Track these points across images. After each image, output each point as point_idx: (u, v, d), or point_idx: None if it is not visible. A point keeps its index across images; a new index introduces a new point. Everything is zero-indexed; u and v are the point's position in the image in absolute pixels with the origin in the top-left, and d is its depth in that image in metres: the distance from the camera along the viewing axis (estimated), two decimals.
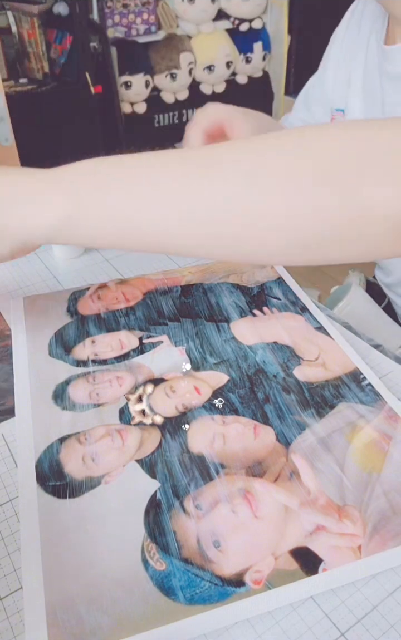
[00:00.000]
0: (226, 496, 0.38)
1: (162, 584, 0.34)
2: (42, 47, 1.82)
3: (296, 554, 0.35)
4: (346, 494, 0.38)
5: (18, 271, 0.68)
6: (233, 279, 0.61)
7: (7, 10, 1.84)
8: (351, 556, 0.35)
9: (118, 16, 1.95)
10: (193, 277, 0.62)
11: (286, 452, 0.42)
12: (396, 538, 0.36)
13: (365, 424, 0.44)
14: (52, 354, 0.52)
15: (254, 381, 0.48)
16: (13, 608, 0.34)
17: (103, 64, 1.93)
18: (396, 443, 0.42)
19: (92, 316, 0.57)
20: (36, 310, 0.58)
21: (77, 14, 1.75)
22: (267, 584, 0.34)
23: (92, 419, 0.45)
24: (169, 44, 2.04)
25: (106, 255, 0.70)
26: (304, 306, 0.57)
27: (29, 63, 1.88)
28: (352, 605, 0.33)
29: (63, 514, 0.38)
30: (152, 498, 0.39)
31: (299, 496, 0.38)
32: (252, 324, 0.55)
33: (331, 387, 0.47)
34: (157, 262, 0.68)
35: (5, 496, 0.40)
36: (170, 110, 2.17)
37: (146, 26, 2.00)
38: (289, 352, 0.51)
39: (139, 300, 0.59)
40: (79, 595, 0.33)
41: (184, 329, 0.54)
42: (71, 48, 1.81)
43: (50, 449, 0.43)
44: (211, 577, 0.34)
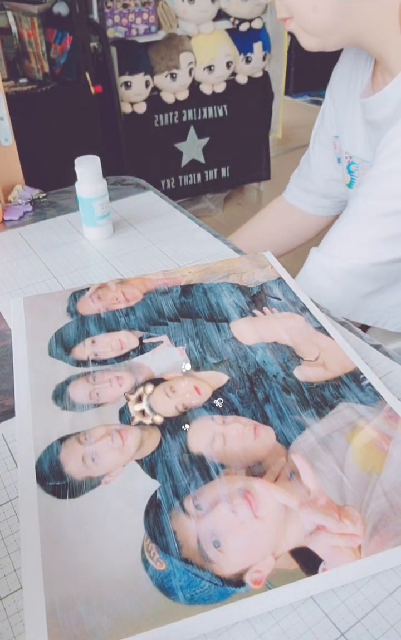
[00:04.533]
0: (226, 496, 0.38)
1: (162, 584, 0.34)
2: (42, 47, 1.82)
3: (296, 554, 0.35)
4: (346, 494, 0.38)
5: (18, 271, 0.68)
6: (233, 279, 0.61)
7: (7, 10, 1.84)
8: (351, 556, 0.35)
9: (118, 16, 1.95)
10: (193, 277, 0.62)
11: (286, 452, 0.42)
12: (396, 538, 0.36)
13: (365, 424, 0.44)
14: (52, 354, 0.52)
15: (254, 381, 0.48)
16: (13, 608, 0.34)
17: (103, 64, 1.93)
18: (396, 443, 0.42)
19: (92, 316, 0.57)
20: (36, 310, 0.58)
21: (77, 14, 1.75)
22: (267, 584, 0.34)
23: (92, 419, 0.45)
24: (169, 44, 2.03)
25: (106, 255, 0.70)
26: (304, 306, 0.57)
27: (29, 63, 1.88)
28: (352, 605, 0.33)
29: (63, 514, 0.38)
30: (152, 498, 0.39)
31: (299, 496, 0.38)
32: (252, 324, 0.55)
33: (331, 387, 0.47)
34: (157, 262, 0.68)
35: (5, 496, 0.41)
36: (170, 110, 2.16)
37: (146, 26, 2.00)
38: (289, 352, 0.51)
39: (139, 300, 0.59)
40: (79, 595, 0.33)
41: (184, 329, 0.54)
42: (71, 48, 1.81)
43: (50, 449, 0.43)
44: (211, 577, 0.34)
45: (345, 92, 0.78)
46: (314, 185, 0.91)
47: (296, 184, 0.95)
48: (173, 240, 0.73)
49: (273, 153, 2.53)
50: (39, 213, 0.82)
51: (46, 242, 0.74)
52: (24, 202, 0.83)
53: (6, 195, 0.84)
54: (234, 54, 2.16)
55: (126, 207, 0.82)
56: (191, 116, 2.23)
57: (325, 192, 0.91)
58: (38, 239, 0.74)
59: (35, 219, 0.80)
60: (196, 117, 2.24)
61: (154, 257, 0.69)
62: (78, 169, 0.69)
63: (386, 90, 0.66)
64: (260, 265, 0.64)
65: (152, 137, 2.18)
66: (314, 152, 0.89)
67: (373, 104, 0.69)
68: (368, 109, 0.71)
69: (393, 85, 0.65)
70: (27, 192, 0.85)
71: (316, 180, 0.91)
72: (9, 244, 0.74)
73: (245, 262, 0.65)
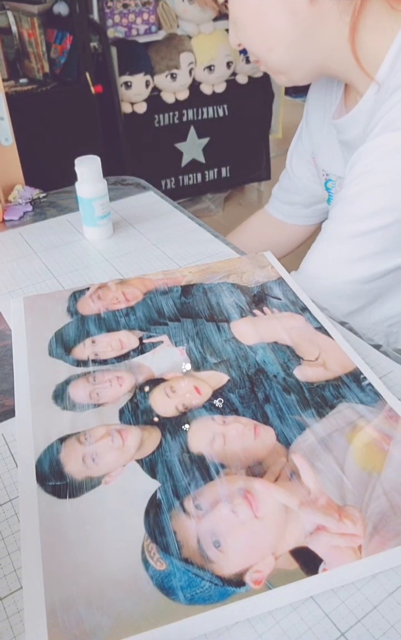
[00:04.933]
0: (226, 496, 0.38)
1: (163, 584, 0.34)
2: (42, 47, 1.82)
3: (296, 554, 0.35)
4: (347, 494, 0.38)
5: (18, 271, 0.68)
6: (233, 279, 0.61)
7: (7, 10, 1.84)
8: (351, 556, 0.35)
9: (118, 16, 1.95)
10: (193, 277, 0.62)
11: (287, 452, 0.42)
12: (396, 538, 0.36)
13: (365, 424, 0.44)
14: (52, 354, 0.52)
15: (255, 381, 0.48)
16: (13, 608, 0.34)
17: (103, 64, 1.93)
18: (396, 443, 0.42)
19: (92, 316, 0.57)
20: (36, 310, 0.58)
21: (77, 14, 1.75)
22: (267, 584, 0.34)
23: (92, 418, 0.45)
24: (169, 44, 2.03)
25: (106, 255, 0.70)
26: (304, 306, 0.57)
27: (29, 63, 1.88)
28: (352, 605, 0.33)
29: (63, 514, 0.38)
30: (153, 498, 0.39)
31: (300, 496, 0.38)
32: (252, 324, 0.55)
33: (332, 387, 0.47)
34: (157, 262, 0.68)
35: (5, 496, 0.41)
36: (170, 110, 2.16)
37: (146, 26, 2.00)
38: (289, 352, 0.51)
39: (139, 300, 0.59)
40: (79, 595, 0.33)
41: (185, 329, 0.54)
42: (71, 48, 1.81)
43: (51, 449, 0.43)
44: (211, 577, 0.34)
45: (320, 114, 0.80)
46: (297, 197, 0.94)
47: (277, 197, 0.97)
48: (173, 240, 0.73)
49: (273, 153, 2.53)
50: (39, 213, 0.82)
51: (46, 242, 0.74)
52: (24, 202, 0.83)
53: (6, 195, 0.84)
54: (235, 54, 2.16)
55: (126, 207, 0.82)
56: (191, 116, 2.23)
57: (307, 203, 0.94)
58: (38, 239, 0.74)
59: (35, 218, 0.80)
60: (196, 117, 2.24)
61: (154, 257, 0.69)
62: (78, 169, 0.69)
63: (355, 110, 0.67)
64: (260, 265, 0.64)
65: (152, 137, 2.18)
66: (292, 168, 0.92)
67: (344, 125, 0.71)
68: (340, 129, 0.73)
69: (361, 106, 0.66)
70: (27, 192, 0.85)
71: (298, 193, 0.93)
72: (9, 244, 0.74)
73: (245, 262, 0.65)
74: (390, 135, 0.59)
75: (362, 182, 0.61)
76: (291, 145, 0.91)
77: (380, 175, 0.60)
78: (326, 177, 0.83)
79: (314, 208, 0.94)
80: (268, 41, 0.63)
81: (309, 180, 0.90)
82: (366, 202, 0.61)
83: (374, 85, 0.63)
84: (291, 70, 0.67)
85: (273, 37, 0.63)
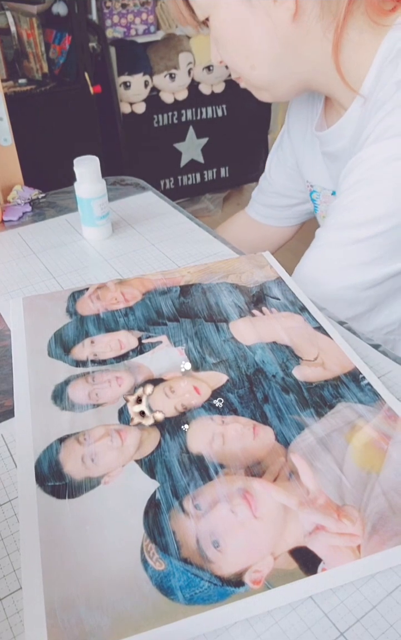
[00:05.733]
0: (225, 496, 0.38)
1: (162, 584, 0.34)
2: (41, 48, 1.82)
3: (295, 554, 0.35)
4: (345, 494, 0.38)
5: (17, 271, 0.68)
6: (232, 279, 0.61)
7: (6, 11, 1.84)
8: (350, 556, 0.35)
9: (117, 16, 1.95)
10: (192, 277, 0.62)
11: (286, 452, 0.42)
12: (395, 538, 0.36)
13: (364, 423, 0.44)
14: (51, 354, 0.52)
15: (254, 381, 0.48)
16: (13, 608, 0.34)
17: (102, 64, 1.93)
18: (395, 443, 0.42)
19: (91, 316, 0.57)
20: (36, 310, 0.58)
21: (76, 14, 1.75)
22: (266, 583, 0.34)
23: (91, 419, 0.45)
24: (168, 44, 2.04)
25: (105, 255, 0.70)
26: (303, 306, 0.57)
27: (28, 63, 1.88)
28: (351, 605, 0.33)
29: (63, 514, 0.38)
30: (152, 498, 0.39)
31: (299, 496, 0.38)
32: (251, 324, 0.55)
33: (330, 387, 0.47)
34: (156, 262, 0.68)
35: (5, 496, 0.41)
36: (169, 110, 2.16)
37: (144, 26, 2.00)
38: (288, 352, 0.51)
39: (138, 300, 0.59)
40: (79, 595, 0.33)
41: (183, 329, 0.54)
42: (70, 48, 1.81)
43: (50, 449, 0.43)
44: (210, 577, 0.34)
45: (302, 126, 0.81)
46: (274, 200, 0.95)
47: (256, 200, 0.99)
48: (172, 241, 0.73)
49: None
50: (38, 213, 0.82)
51: (45, 243, 0.74)
52: (23, 202, 0.83)
53: (5, 195, 0.84)
54: None
55: (125, 207, 0.82)
56: (190, 116, 2.23)
57: (285, 205, 0.95)
58: (37, 239, 0.74)
59: (34, 219, 0.80)
60: (195, 117, 2.24)
61: (153, 257, 0.69)
62: (77, 169, 0.69)
63: (341, 123, 0.68)
64: (259, 265, 0.64)
65: (151, 137, 2.18)
66: (270, 173, 0.93)
67: (328, 137, 0.71)
68: (324, 141, 0.73)
69: (347, 118, 0.67)
70: (26, 192, 0.85)
71: (275, 196, 0.94)
72: (8, 244, 0.74)
73: (244, 262, 0.65)
74: (385, 143, 0.59)
75: (358, 190, 0.61)
76: (271, 150, 0.92)
77: (376, 182, 0.60)
78: (311, 188, 0.83)
79: (293, 210, 0.95)
80: (250, 58, 0.64)
81: (286, 187, 0.91)
82: (364, 209, 0.61)
83: (359, 98, 0.63)
84: (273, 87, 0.67)
85: (255, 54, 0.63)
